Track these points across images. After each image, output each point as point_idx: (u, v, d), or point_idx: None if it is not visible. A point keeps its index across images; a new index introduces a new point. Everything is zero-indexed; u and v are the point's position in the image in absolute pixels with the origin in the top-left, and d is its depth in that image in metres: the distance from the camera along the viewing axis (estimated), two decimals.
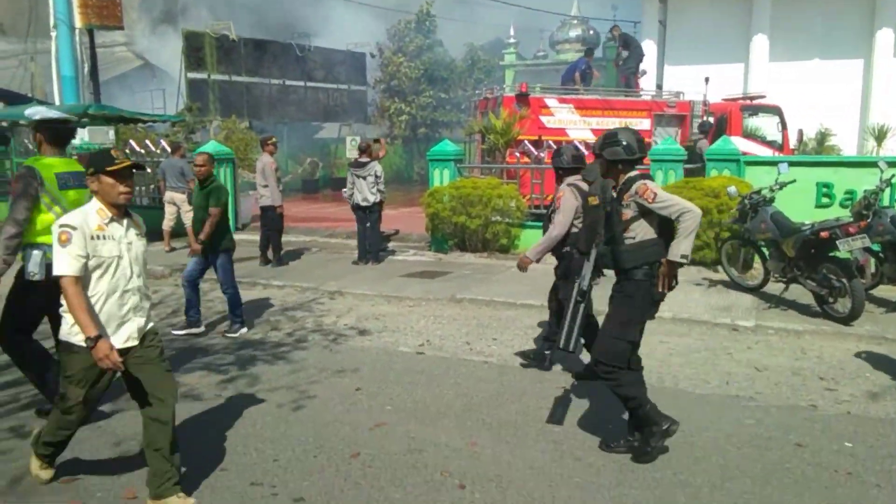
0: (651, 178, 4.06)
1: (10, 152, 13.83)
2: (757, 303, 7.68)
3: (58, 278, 3.25)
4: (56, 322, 4.36)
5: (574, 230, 5.32)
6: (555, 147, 10.17)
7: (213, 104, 22.15)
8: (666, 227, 3.94)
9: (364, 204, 10.18)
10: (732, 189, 8.21)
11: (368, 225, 10.34)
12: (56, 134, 4.56)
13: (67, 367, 3.44)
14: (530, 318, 7.42)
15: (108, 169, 3.32)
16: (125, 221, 3.46)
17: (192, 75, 21.94)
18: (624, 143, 3.94)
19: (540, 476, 3.82)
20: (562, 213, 5.29)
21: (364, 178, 10.10)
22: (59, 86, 15.21)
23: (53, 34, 15.07)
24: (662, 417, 4.01)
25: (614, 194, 3.98)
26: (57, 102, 14.88)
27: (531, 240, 10.94)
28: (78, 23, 15.16)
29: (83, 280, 3.27)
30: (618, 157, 3.96)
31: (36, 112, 4.65)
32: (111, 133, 13.74)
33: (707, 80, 14.11)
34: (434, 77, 26.27)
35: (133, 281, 3.45)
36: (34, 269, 4.28)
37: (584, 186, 5.08)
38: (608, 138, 4.01)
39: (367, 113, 29.04)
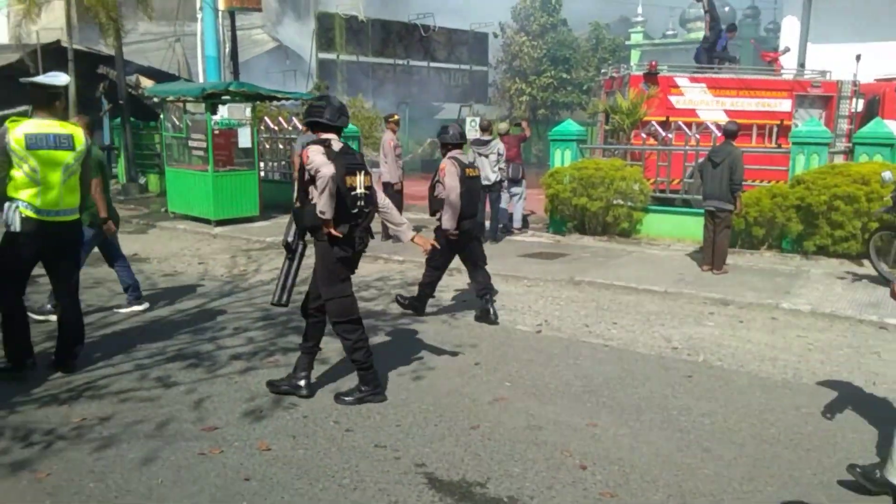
0: (325, 144, 4.23)
1: (160, 126, 14.94)
2: None
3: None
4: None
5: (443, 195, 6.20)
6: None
7: (341, 84, 22.90)
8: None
9: (486, 182, 10.18)
10: (887, 174, 7.50)
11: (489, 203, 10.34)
12: (38, 97, 4.66)
13: None
14: (652, 303, 7.17)
15: None
16: None
17: (322, 56, 22.78)
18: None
19: (666, 464, 3.69)
20: (449, 178, 6.17)
21: (486, 156, 10.09)
22: (203, 65, 16.27)
23: (199, 16, 16.09)
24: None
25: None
26: (201, 80, 15.91)
27: (654, 224, 10.59)
28: (221, 5, 16.09)
29: None
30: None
31: (33, 79, 4.75)
32: (248, 110, 14.52)
33: (858, 57, 12.94)
34: (556, 57, 25.77)
35: None
36: (9, 221, 4.56)
37: (464, 159, 6.40)
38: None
39: (488, 93, 28.97)
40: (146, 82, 17.21)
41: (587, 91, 24.28)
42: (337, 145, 4.30)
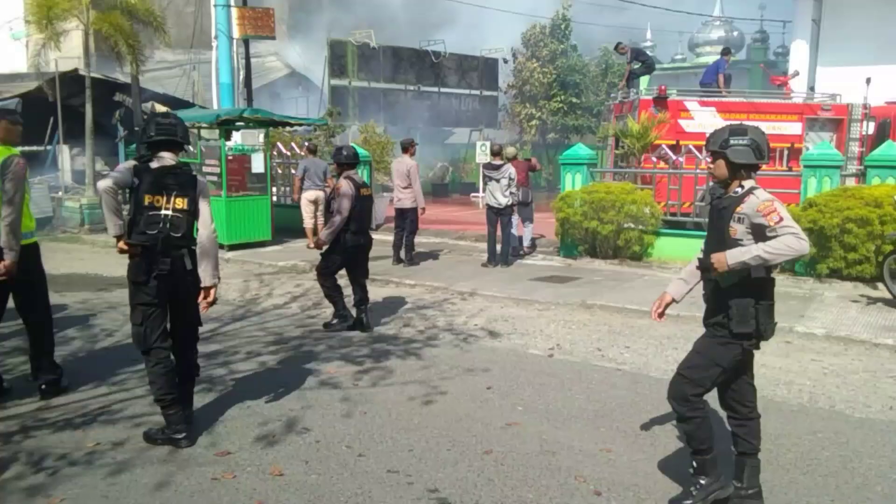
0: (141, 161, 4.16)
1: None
2: None
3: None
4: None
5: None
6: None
7: (353, 109, 23.15)
8: None
9: (496, 206, 10.23)
10: None
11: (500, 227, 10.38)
12: None
13: None
14: (665, 327, 7.14)
15: None
16: None
17: (334, 82, 23.08)
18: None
19: (682, 490, 3.65)
20: (344, 198, 6.62)
21: (498, 180, 10.15)
22: (218, 92, 16.51)
23: (214, 44, 16.37)
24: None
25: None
26: (215, 107, 16.14)
27: (665, 247, 10.57)
28: (236, 33, 16.37)
29: None
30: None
31: None
32: (261, 136, 14.70)
33: (868, 80, 12.97)
34: (566, 82, 25.97)
35: None
36: None
37: (358, 179, 6.83)
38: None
39: (498, 118, 29.19)
40: (161, 109, 17.48)
41: (597, 115, 24.39)
42: (158, 162, 4.14)
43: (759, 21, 29.16)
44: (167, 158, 4.20)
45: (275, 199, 13.76)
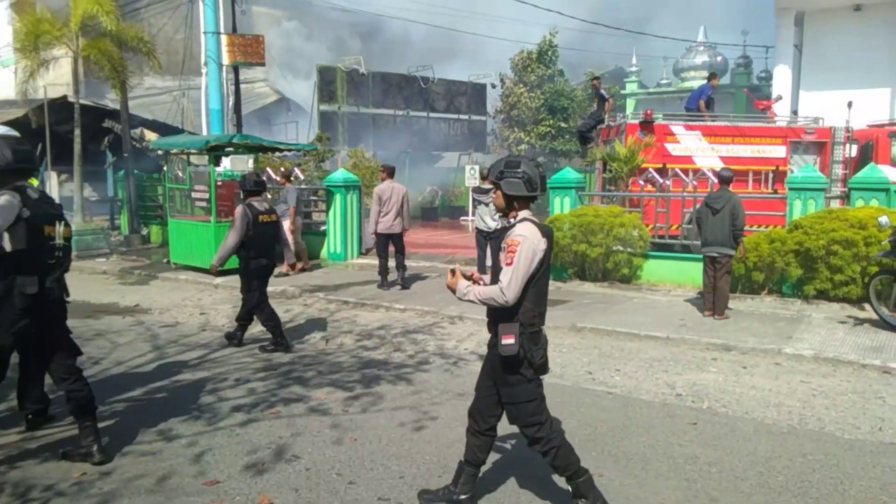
0: (20, 190, 4.02)
1: (163, 178, 15.13)
2: None
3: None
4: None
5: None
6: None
7: (342, 134, 23.25)
8: None
9: (486, 229, 10.27)
10: (884, 219, 7.59)
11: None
12: None
13: None
14: (655, 349, 7.16)
15: None
16: None
17: (323, 107, 23.19)
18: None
19: None
20: (238, 222, 7.00)
21: (487, 203, 10.20)
22: (207, 118, 16.55)
23: (204, 70, 16.46)
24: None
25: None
26: (205, 133, 16.17)
27: (654, 270, 10.63)
28: (226, 60, 16.47)
29: None
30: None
31: None
32: (251, 161, 14.72)
33: (850, 104, 13.20)
34: (554, 107, 26.26)
35: None
36: None
37: (259, 206, 7.14)
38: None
39: (487, 142, 29.41)
40: (150, 135, 17.52)
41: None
42: (34, 193, 4.14)
43: (741, 46, 29.70)
44: (31, 188, 4.16)
45: None
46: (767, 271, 9.29)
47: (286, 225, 11.87)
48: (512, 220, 3.43)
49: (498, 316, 3.37)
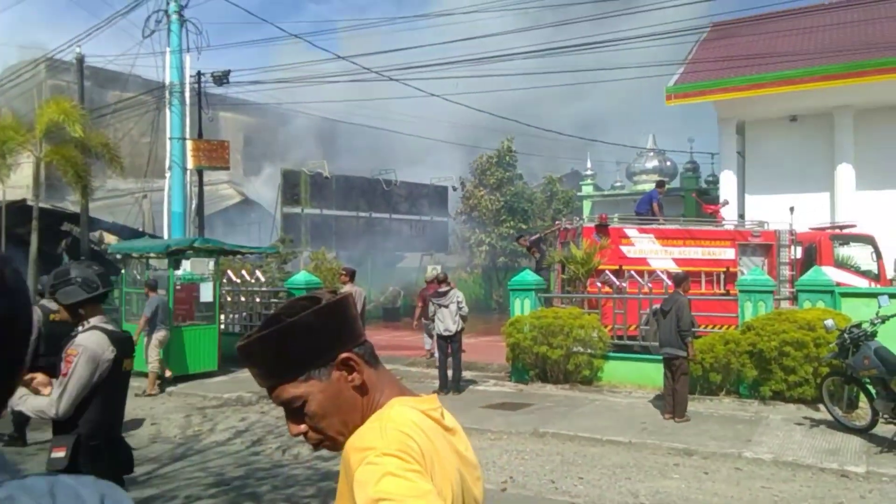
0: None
1: (120, 282, 14.91)
2: (867, 446, 7.10)
3: None
4: None
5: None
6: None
7: (305, 236, 23.43)
8: None
9: (447, 333, 10.29)
10: (830, 322, 7.87)
11: (450, 354, 10.39)
12: None
13: None
14: (618, 454, 7.10)
15: None
16: None
17: (287, 209, 23.47)
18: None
19: None
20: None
21: (447, 306, 10.27)
22: (169, 220, 16.57)
23: (168, 175, 16.63)
24: None
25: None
26: (165, 236, 16.13)
27: (614, 371, 10.70)
28: (190, 164, 16.71)
29: None
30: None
31: None
32: (211, 264, 14.66)
33: (792, 209, 13.91)
34: (514, 208, 27.01)
35: None
36: None
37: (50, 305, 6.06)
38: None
39: (448, 243, 29.90)
40: (110, 238, 17.41)
41: (544, 240, 25.25)
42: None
43: (689, 153, 31.31)
44: None
45: (223, 326, 13.53)
46: (724, 372, 9.43)
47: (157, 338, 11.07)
48: (79, 329, 3.18)
49: (56, 426, 3.13)
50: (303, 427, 1.31)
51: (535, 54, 16.80)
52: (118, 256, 14.04)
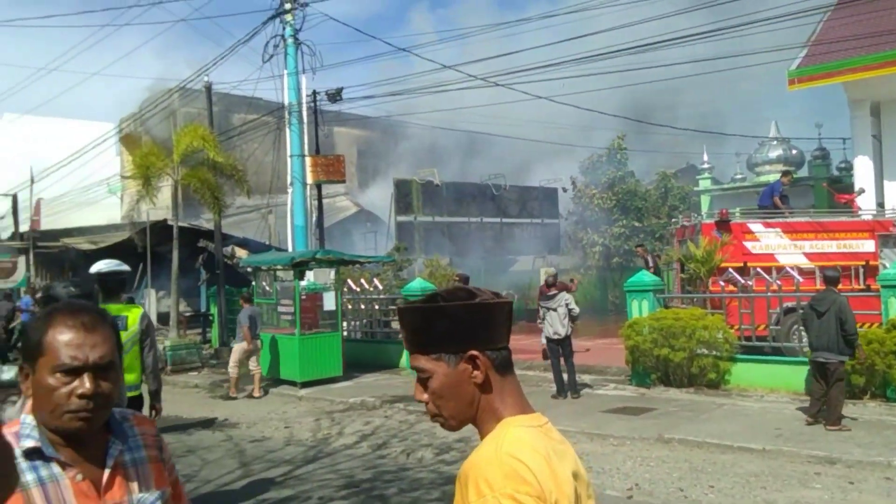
0: None
1: (252, 293, 15.92)
2: None
3: None
4: None
5: None
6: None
7: (419, 243, 23.98)
8: None
9: (556, 337, 10.20)
10: None
11: (563, 357, 10.28)
12: (103, 285, 5.16)
13: None
14: (751, 462, 6.78)
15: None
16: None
17: (400, 218, 24.13)
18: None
19: None
20: None
21: (555, 309, 10.18)
22: (292, 234, 17.49)
23: (290, 190, 17.56)
24: None
25: None
26: (290, 249, 17.04)
27: (743, 374, 10.21)
28: (309, 179, 17.57)
29: None
30: None
31: (96, 266, 5.26)
32: (332, 274, 15.34)
33: None
34: (627, 207, 26.33)
35: None
36: None
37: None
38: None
39: (560, 244, 29.58)
40: (240, 252, 18.59)
41: (660, 238, 24.44)
42: None
43: (817, 139, 29.26)
44: None
45: (345, 333, 14.12)
46: (868, 374, 8.77)
47: (241, 347, 11.76)
48: None
49: None
50: (425, 396, 1.42)
51: (641, 49, 16.30)
52: (249, 269, 15.00)
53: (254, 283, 14.46)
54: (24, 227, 25.36)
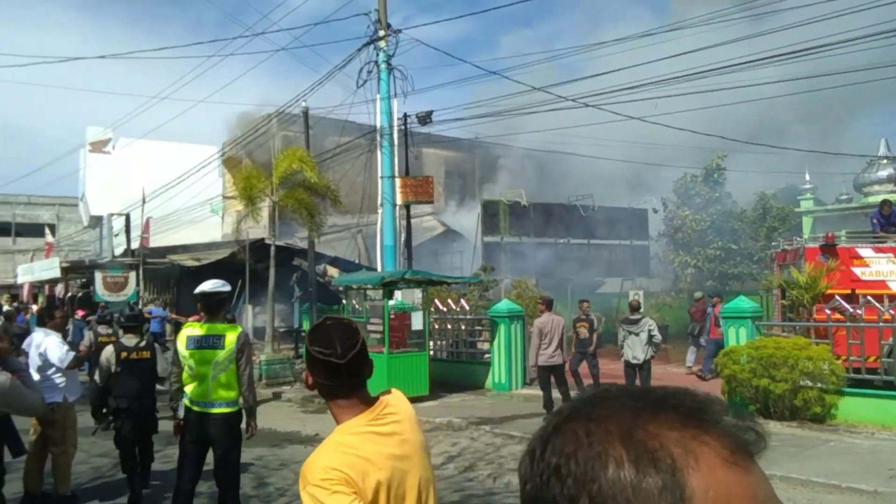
0: None
1: (342, 310, 16.39)
2: None
3: None
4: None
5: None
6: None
7: (505, 263, 23.97)
8: None
9: (634, 362, 10.03)
10: None
11: (640, 382, 10.03)
12: (206, 304, 5.37)
13: None
14: None
15: None
16: None
17: (487, 239, 24.23)
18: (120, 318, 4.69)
19: None
20: (100, 365, 6.89)
21: (637, 334, 9.98)
22: (381, 253, 17.91)
23: (380, 211, 18.02)
24: None
25: None
26: (379, 268, 17.44)
27: (851, 408, 9.60)
28: (399, 200, 17.97)
29: None
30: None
31: (201, 286, 5.45)
32: (418, 293, 15.57)
33: None
34: (722, 228, 25.37)
35: None
36: (178, 410, 5.51)
37: (128, 343, 6.81)
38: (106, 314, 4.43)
39: (650, 266, 28.81)
40: (332, 271, 19.20)
41: (757, 261, 23.40)
42: None
43: None
44: None
45: (432, 353, 14.27)
46: None
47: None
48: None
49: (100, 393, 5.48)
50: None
51: (736, 68, 15.79)
52: (340, 288, 15.46)
53: (344, 301, 14.89)
54: (135, 245, 27.13)
